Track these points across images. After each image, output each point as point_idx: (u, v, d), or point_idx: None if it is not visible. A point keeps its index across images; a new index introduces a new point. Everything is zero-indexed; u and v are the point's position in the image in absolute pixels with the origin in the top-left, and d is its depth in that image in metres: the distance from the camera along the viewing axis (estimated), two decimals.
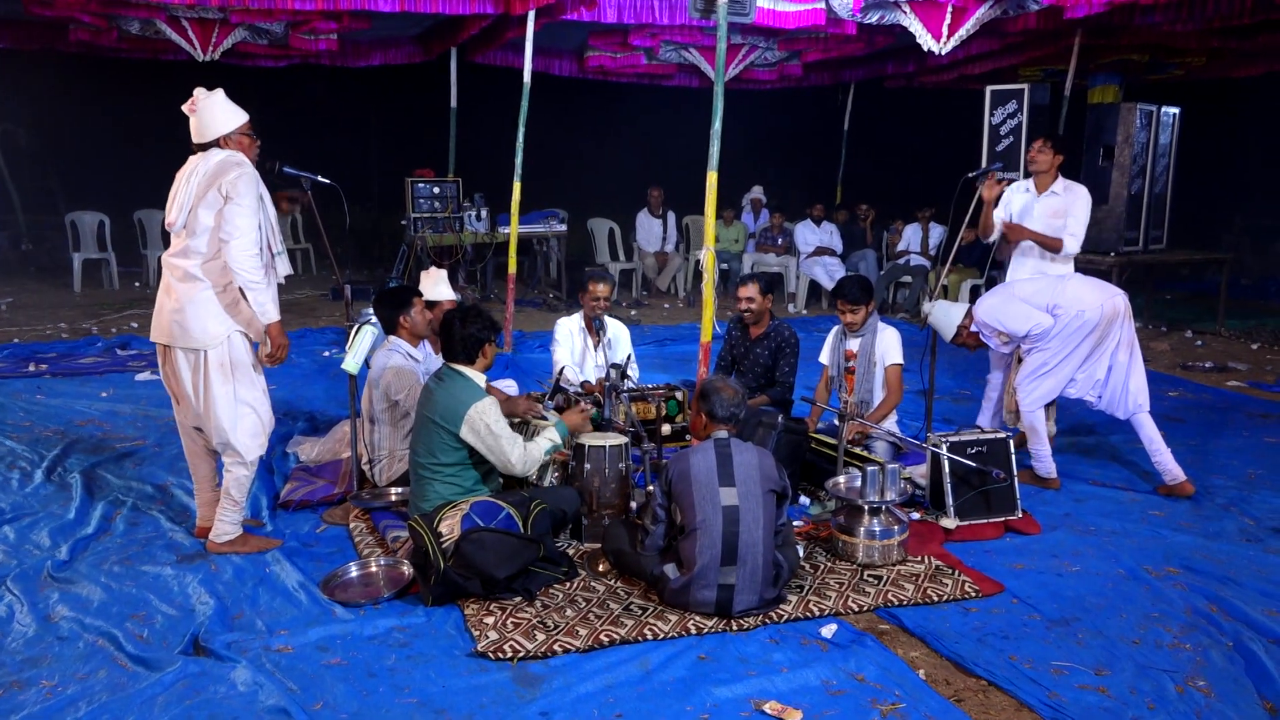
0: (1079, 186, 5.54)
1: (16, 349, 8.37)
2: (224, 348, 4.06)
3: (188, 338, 4.03)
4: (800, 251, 11.77)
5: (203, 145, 4.13)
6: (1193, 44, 9.78)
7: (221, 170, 4.01)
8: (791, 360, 5.70)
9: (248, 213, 3.97)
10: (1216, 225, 15.04)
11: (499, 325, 4.29)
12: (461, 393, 4.07)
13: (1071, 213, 5.44)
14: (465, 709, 3.03)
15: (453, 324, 4.16)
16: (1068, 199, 5.48)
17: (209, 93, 4.13)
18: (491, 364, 4.28)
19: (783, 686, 3.16)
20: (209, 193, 3.99)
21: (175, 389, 4.21)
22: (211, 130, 4.11)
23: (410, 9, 8.17)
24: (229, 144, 4.13)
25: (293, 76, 12.50)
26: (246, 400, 4.15)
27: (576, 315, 5.91)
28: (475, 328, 4.13)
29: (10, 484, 5.06)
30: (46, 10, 8.26)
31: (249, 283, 3.98)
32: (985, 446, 4.65)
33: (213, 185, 3.99)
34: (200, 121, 4.12)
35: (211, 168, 4.03)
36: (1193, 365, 8.25)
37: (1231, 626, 3.56)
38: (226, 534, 4.22)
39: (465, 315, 4.17)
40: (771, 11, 7.70)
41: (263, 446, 4.26)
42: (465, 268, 11.29)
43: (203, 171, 4.03)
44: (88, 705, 3.00)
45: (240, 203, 3.96)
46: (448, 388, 4.10)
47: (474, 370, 4.17)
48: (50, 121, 15.00)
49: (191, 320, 4.02)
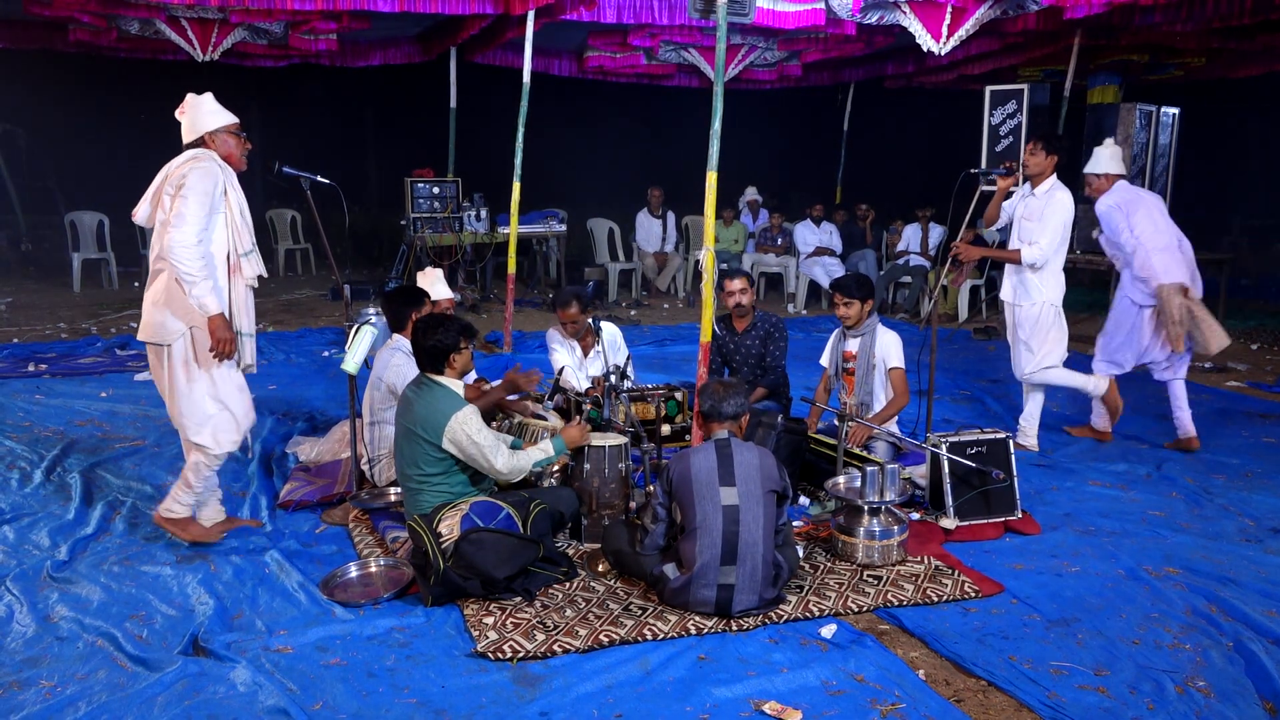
0: (1061, 193, 5.45)
1: (16, 349, 8.37)
2: (184, 342, 4.07)
3: (152, 332, 4.09)
4: (800, 252, 11.77)
5: (190, 145, 4.16)
6: (1192, 44, 9.78)
7: (181, 164, 4.05)
8: (781, 344, 5.74)
9: (193, 204, 3.93)
10: (1216, 225, 15.05)
11: (472, 329, 4.20)
12: (441, 403, 3.99)
13: (1043, 218, 5.40)
14: (465, 709, 3.03)
15: (416, 335, 4.10)
16: (1044, 203, 5.44)
17: (199, 96, 4.19)
18: (468, 369, 4.21)
19: (782, 687, 3.16)
20: (166, 186, 4.04)
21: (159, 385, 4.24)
22: (196, 128, 4.15)
23: (410, 9, 8.17)
24: (213, 143, 4.16)
25: (292, 76, 12.50)
26: (215, 396, 4.14)
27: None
28: (437, 338, 4.03)
29: (10, 484, 5.06)
30: (45, 10, 8.26)
31: (183, 274, 3.92)
32: (985, 447, 4.65)
33: (169, 180, 4.03)
34: (187, 121, 4.18)
35: (176, 163, 4.07)
36: (1193, 365, 8.23)
37: (1231, 627, 3.56)
38: (173, 511, 4.23)
39: (428, 325, 4.07)
40: (771, 12, 7.70)
41: (234, 443, 4.23)
42: (465, 268, 11.29)
43: (170, 169, 4.08)
44: (87, 705, 3.00)
45: (186, 193, 3.94)
46: (426, 398, 4.03)
47: (448, 379, 4.09)
48: (50, 121, 15.01)
49: (155, 315, 4.07)
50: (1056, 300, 5.56)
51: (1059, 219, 5.39)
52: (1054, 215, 5.39)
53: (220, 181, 4.07)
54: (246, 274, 4.21)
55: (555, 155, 15.28)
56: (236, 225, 4.15)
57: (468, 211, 10.82)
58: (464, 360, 4.12)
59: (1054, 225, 5.39)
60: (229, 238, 4.13)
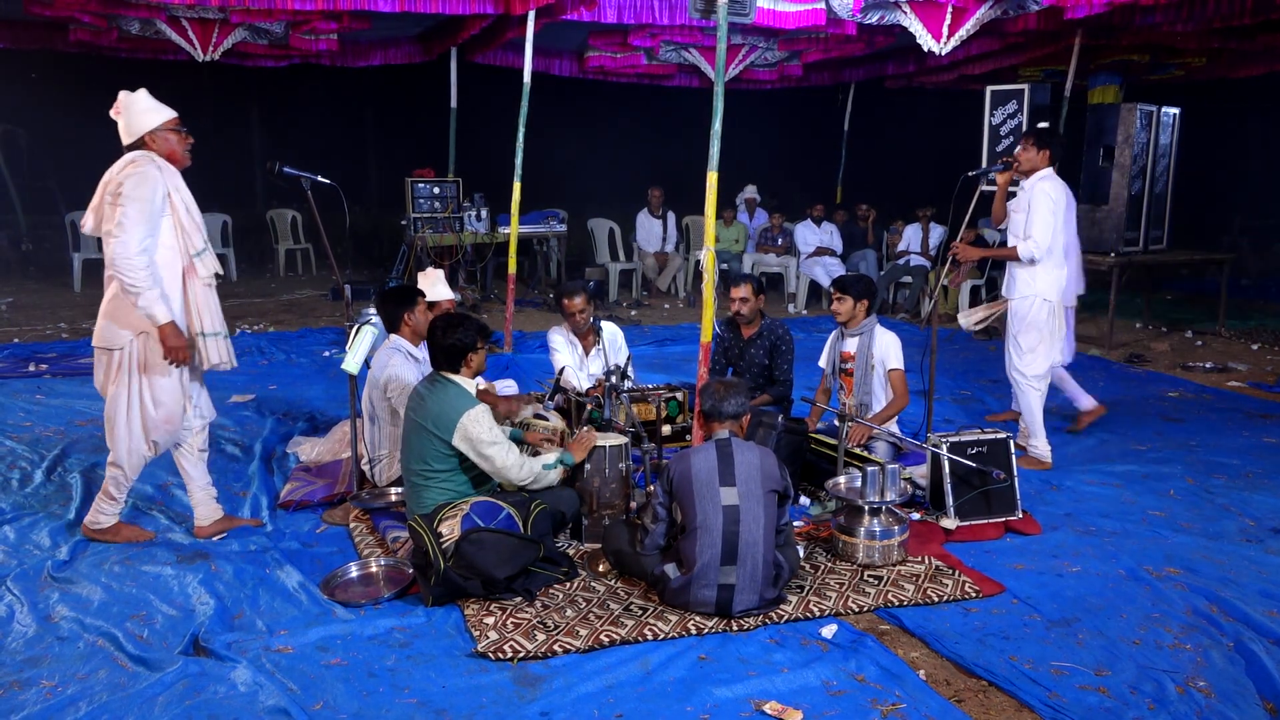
0: (1046, 182, 5.30)
1: (17, 349, 8.38)
2: (130, 349, 4.08)
3: (100, 337, 4.13)
4: (800, 252, 11.76)
5: (131, 147, 4.06)
6: (1193, 44, 9.78)
7: (119, 170, 3.96)
8: (789, 357, 5.69)
9: (131, 213, 3.86)
10: (1217, 225, 15.06)
11: (488, 330, 4.24)
12: (454, 400, 4.02)
13: (1029, 210, 5.28)
14: (465, 709, 3.03)
15: (434, 333, 4.12)
16: (1030, 195, 5.31)
17: (132, 94, 4.07)
18: (482, 369, 4.24)
19: (783, 687, 3.16)
20: (106, 195, 3.96)
21: None
22: (135, 129, 4.05)
23: (410, 9, 8.17)
24: (154, 143, 4.05)
25: (293, 76, 12.52)
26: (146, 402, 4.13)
27: (565, 325, 5.89)
28: (456, 337, 4.06)
29: (10, 484, 5.07)
30: (46, 10, 8.26)
31: (127, 285, 3.88)
32: (985, 447, 4.65)
33: (109, 188, 3.96)
34: (124, 123, 4.07)
35: (114, 170, 3.99)
36: (1193, 365, 8.24)
37: (1232, 627, 3.56)
38: (99, 523, 4.30)
39: (446, 324, 4.10)
40: (771, 12, 7.69)
41: (145, 455, 4.23)
42: (465, 268, 11.29)
43: (110, 175, 3.99)
44: (88, 705, 3.00)
45: (123, 202, 3.86)
46: (439, 395, 4.05)
47: (462, 377, 4.13)
48: (51, 121, 15.00)
49: (103, 321, 4.10)
50: (1051, 296, 5.35)
51: (1044, 208, 5.24)
52: (1038, 206, 5.25)
53: (160, 185, 3.96)
54: (202, 274, 4.13)
55: (556, 155, 15.29)
56: (184, 226, 4.06)
57: (468, 211, 10.82)
58: (480, 360, 4.17)
59: (1040, 216, 5.24)
60: (179, 240, 4.04)
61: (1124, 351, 8.80)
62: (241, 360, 8.14)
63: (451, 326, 4.09)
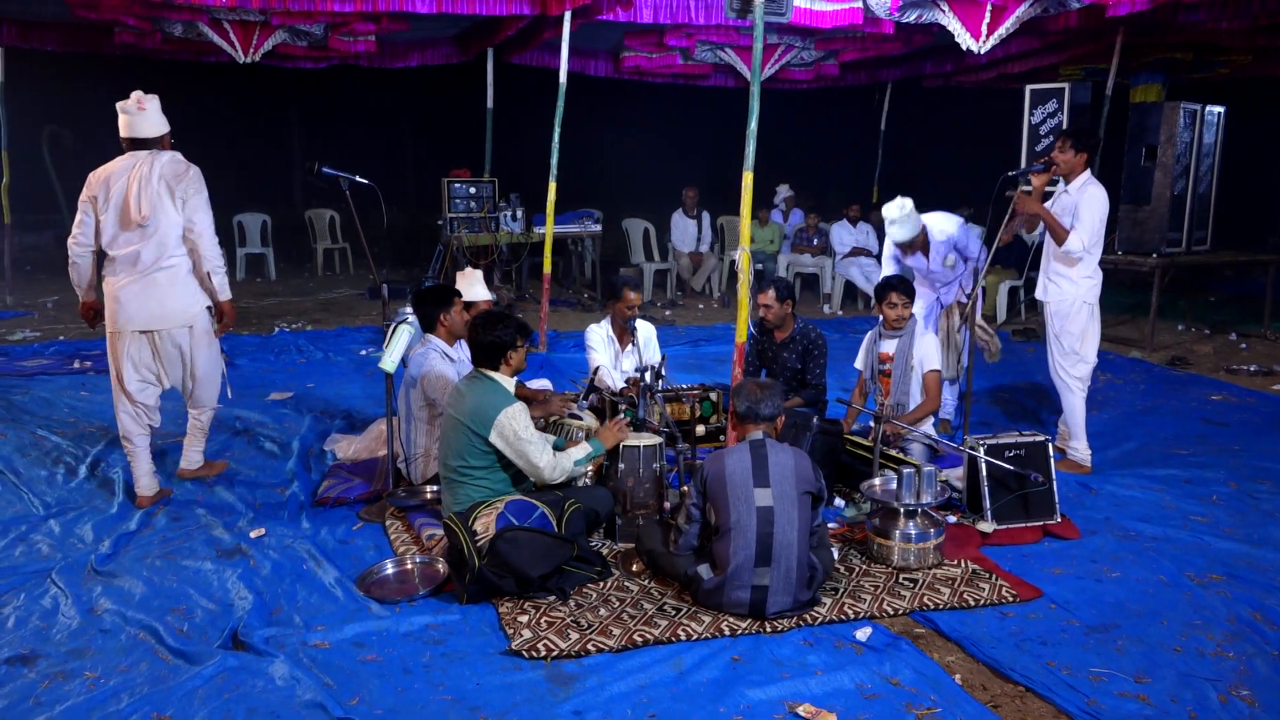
0: (1094, 187, 5.30)
1: (62, 346, 8.54)
2: (205, 317, 4.81)
3: (176, 318, 4.72)
4: (836, 252, 11.70)
5: (143, 143, 4.65)
6: (1238, 42, 9.60)
7: (170, 162, 4.65)
8: (821, 361, 5.64)
9: (205, 203, 4.71)
10: (1262, 226, 14.73)
11: (528, 328, 4.28)
12: (491, 396, 4.07)
13: (1077, 214, 5.27)
14: (499, 706, 3.04)
15: (475, 330, 4.16)
16: (1077, 198, 5.29)
17: (149, 95, 4.67)
18: (521, 368, 4.28)
19: (816, 689, 3.14)
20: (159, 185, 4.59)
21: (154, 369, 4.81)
22: (157, 129, 4.68)
23: (448, 10, 8.22)
24: (166, 145, 4.72)
25: (331, 78, 12.62)
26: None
27: (605, 321, 5.90)
28: (496, 334, 4.11)
29: (55, 479, 5.16)
30: (92, 13, 8.41)
31: (216, 265, 4.77)
32: (1024, 450, 4.59)
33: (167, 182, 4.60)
34: (153, 119, 4.67)
35: (162, 161, 4.63)
36: (1237, 368, 8.10)
37: (1276, 635, 3.50)
38: (196, 462, 5.16)
39: (487, 321, 4.16)
40: (809, 11, 7.65)
41: None
42: (500, 268, 11.34)
43: (158, 170, 4.60)
44: (129, 697, 3.05)
45: (199, 193, 4.69)
46: (478, 391, 4.11)
47: (501, 375, 4.18)
48: (97, 123, 15.25)
49: (173, 303, 4.71)
50: (1091, 299, 5.37)
51: (1094, 214, 5.23)
52: (1089, 210, 5.23)
53: None
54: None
55: (591, 155, 15.32)
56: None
57: (504, 211, 10.87)
58: (519, 358, 4.22)
59: (1089, 220, 5.23)
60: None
61: (1166, 354, 8.67)
62: (280, 358, 8.33)
63: (491, 323, 4.13)
